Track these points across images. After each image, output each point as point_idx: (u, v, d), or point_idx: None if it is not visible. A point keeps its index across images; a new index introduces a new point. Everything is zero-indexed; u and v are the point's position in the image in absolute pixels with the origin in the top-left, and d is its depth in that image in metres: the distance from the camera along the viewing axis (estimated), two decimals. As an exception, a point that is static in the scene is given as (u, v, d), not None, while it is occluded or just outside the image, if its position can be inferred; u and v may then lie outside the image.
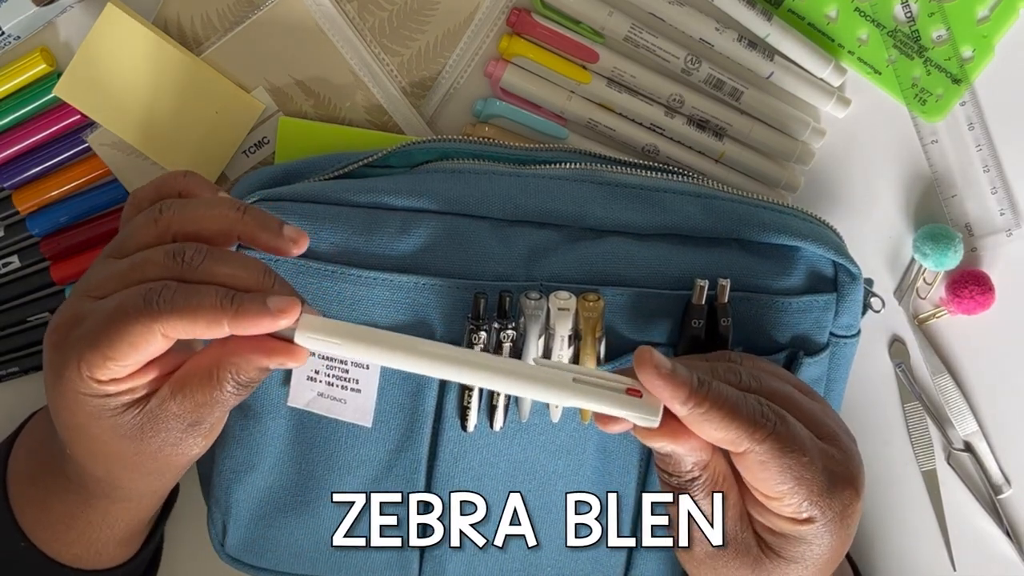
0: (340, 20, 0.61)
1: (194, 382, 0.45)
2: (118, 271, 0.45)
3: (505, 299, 0.52)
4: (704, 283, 0.53)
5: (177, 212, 0.46)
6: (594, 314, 0.52)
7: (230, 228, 0.46)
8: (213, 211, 0.46)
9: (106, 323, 0.42)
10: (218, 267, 0.44)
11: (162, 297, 0.42)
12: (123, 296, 0.43)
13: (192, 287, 0.43)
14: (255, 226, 0.46)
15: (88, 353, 0.43)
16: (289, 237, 0.46)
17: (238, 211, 0.46)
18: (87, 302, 0.44)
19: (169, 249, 0.44)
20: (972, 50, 0.62)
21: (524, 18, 0.61)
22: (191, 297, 0.42)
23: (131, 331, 0.42)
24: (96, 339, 0.43)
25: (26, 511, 0.53)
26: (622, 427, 0.46)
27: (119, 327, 0.42)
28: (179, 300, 0.42)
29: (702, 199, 0.56)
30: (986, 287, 0.64)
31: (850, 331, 0.57)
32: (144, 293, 0.42)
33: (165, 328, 0.42)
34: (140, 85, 0.60)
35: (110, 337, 0.42)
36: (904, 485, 0.67)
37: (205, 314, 0.42)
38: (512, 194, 0.55)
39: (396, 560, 0.58)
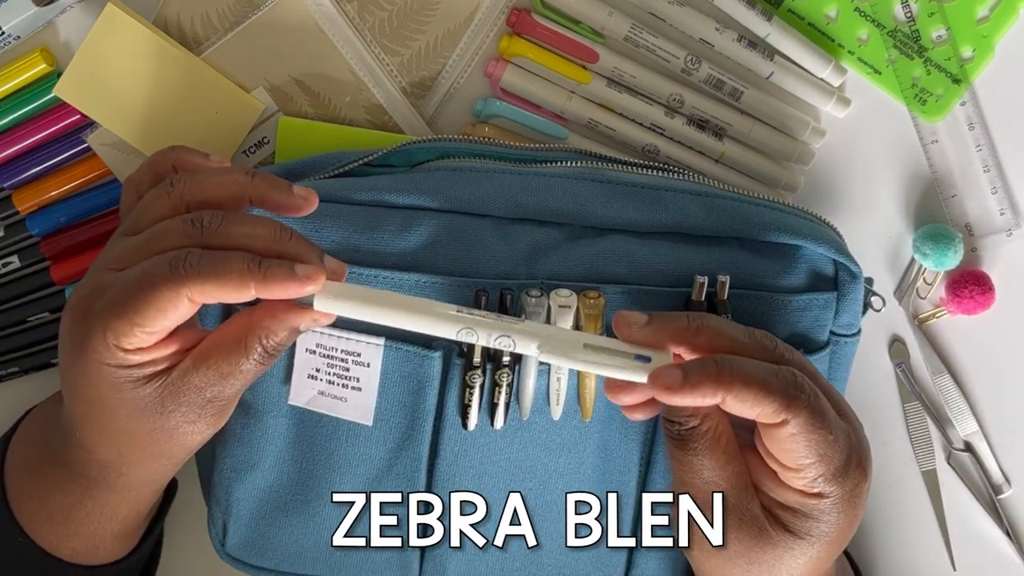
0: (340, 20, 0.61)
1: (220, 352, 0.45)
2: (137, 243, 0.45)
3: (506, 297, 0.52)
4: (704, 279, 0.53)
5: (188, 183, 0.46)
6: (595, 311, 0.52)
7: (241, 191, 0.47)
8: (224, 177, 0.47)
9: (133, 290, 0.43)
10: (237, 228, 0.45)
11: (188, 262, 0.43)
12: (148, 263, 0.44)
13: (218, 252, 0.44)
14: (266, 187, 0.47)
15: (114, 321, 0.43)
16: (300, 195, 0.47)
17: (247, 175, 0.47)
18: (108, 275, 0.45)
19: (187, 217, 0.45)
20: (972, 50, 0.62)
21: (524, 18, 0.61)
22: (218, 260, 0.43)
23: (159, 296, 0.43)
24: (123, 306, 0.43)
25: (24, 504, 0.53)
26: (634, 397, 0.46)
27: (146, 293, 0.43)
28: (206, 264, 0.43)
29: (703, 197, 0.56)
30: (986, 287, 0.64)
31: (850, 330, 0.57)
32: (170, 259, 0.43)
33: (192, 292, 0.43)
34: (140, 85, 0.60)
35: (137, 303, 0.43)
36: (904, 485, 0.67)
37: (233, 277, 0.43)
38: (513, 192, 0.55)
39: (396, 560, 0.58)
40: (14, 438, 0.56)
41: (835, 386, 0.58)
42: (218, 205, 0.46)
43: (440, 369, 0.54)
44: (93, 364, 0.44)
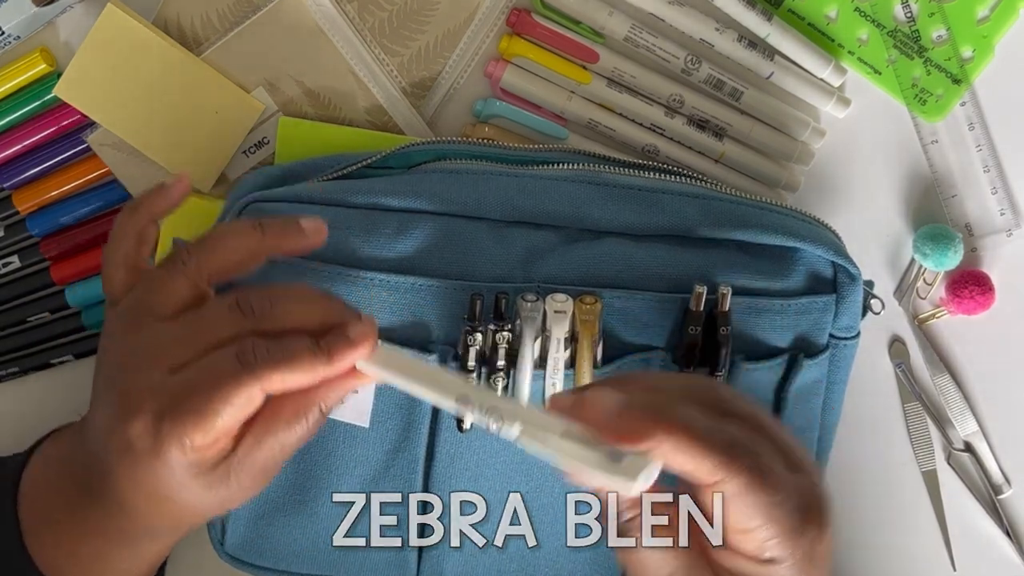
0: (340, 20, 0.61)
1: (281, 425, 0.45)
2: (179, 339, 0.45)
3: (501, 301, 0.52)
4: (703, 289, 0.53)
5: (201, 254, 0.46)
6: (591, 317, 0.52)
7: (257, 249, 0.46)
8: (236, 240, 0.46)
9: (205, 392, 0.43)
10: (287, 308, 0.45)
11: (256, 355, 0.43)
12: (213, 362, 0.43)
13: (281, 341, 0.44)
14: (278, 237, 0.47)
15: (190, 427, 0.43)
16: (311, 230, 0.48)
17: (256, 229, 0.46)
18: (159, 376, 0.44)
19: (231, 303, 0.45)
20: (972, 50, 0.62)
21: (524, 18, 0.61)
22: (283, 350, 0.43)
23: (234, 394, 0.43)
24: (198, 411, 0.43)
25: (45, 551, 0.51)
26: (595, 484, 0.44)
27: (221, 393, 0.43)
28: (275, 355, 0.43)
29: (700, 200, 0.56)
30: (986, 287, 0.64)
31: (850, 332, 0.57)
32: (236, 354, 0.43)
33: (266, 384, 0.43)
34: (140, 85, 0.60)
35: (213, 405, 0.43)
36: (904, 485, 0.67)
37: (302, 364, 0.43)
38: (509, 195, 0.55)
39: (394, 559, 0.58)
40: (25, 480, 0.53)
41: (835, 388, 0.59)
42: (236, 267, 0.46)
43: None
44: (164, 470, 0.44)
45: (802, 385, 0.56)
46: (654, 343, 0.54)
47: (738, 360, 0.54)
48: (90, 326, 0.65)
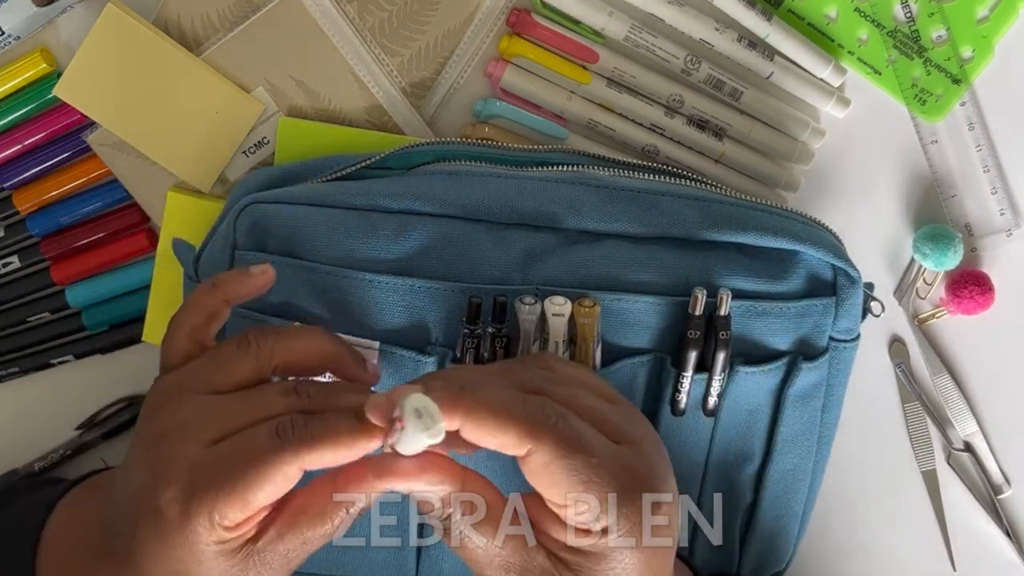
0: (340, 20, 0.61)
1: (305, 521, 0.44)
2: (230, 412, 0.44)
3: (500, 303, 0.52)
4: (702, 293, 0.53)
5: (276, 345, 0.46)
6: (590, 320, 0.52)
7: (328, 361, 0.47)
8: (312, 344, 0.47)
9: (242, 465, 0.42)
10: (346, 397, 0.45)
11: (295, 430, 0.42)
12: (250, 435, 0.43)
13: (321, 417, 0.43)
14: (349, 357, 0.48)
15: (222, 502, 0.42)
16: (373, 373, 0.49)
17: (334, 344, 0.47)
18: (197, 446, 0.43)
19: (288, 388, 0.45)
20: (972, 50, 0.62)
21: (524, 18, 0.61)
22: (324, 426, 0.43)
23: (270, 470, 0.42)
24: (233, 484, 0.42)
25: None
26: None
27: (258, 467, 0.42)
28: (314, 430, 0.42)
29: (700, 202, 0.56)
30: (986, 287, 0.64)
31: (849, 335, 0.57)
32: (274, 429, 0.42)
33: (304, 462, 0.42)
34: (140, 85, 0.60)
35: (248, 479, 0.42)
36: (904, 485, 0.67)
37: (341, 439, 0.42)
38: (508, 196, 0.55)
39: (393, 559, 0.58)
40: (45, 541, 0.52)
41: (835, 391, 0.58)
42: (303, 369, 0.46)
43: None
44: (188, 544, 0.43)
45: (801, 388, 0.56)
46: (653, 346, 0.54)
47: (737, 363, 0.54)
48: (90, 326, 0.65)
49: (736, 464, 0.58)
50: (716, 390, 0.55)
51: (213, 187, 0.63)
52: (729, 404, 0.56)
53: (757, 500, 0.59)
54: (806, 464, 0.59)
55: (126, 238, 0.64)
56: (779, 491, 0.59)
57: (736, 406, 0.56)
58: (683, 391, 0.55)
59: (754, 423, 0.57)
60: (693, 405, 0.55)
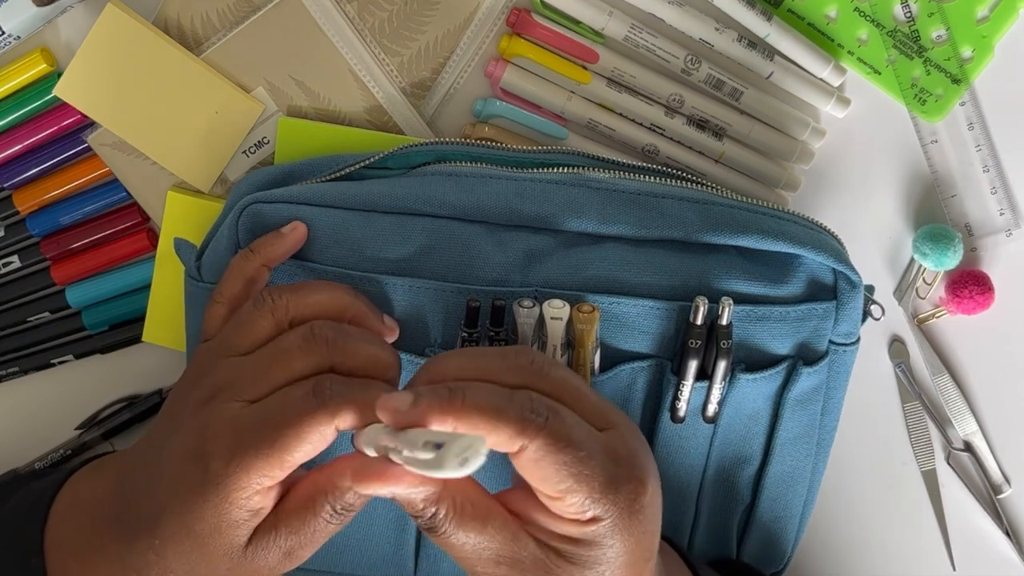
0: (340, 20, 0.61)
1: (293, 510, 0.45)
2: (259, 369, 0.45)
3: (498, 307, 0.52)
4: (704, 303, 0.52)
5: (292, 299, 0.47)
6: (588, 324, 0.51)
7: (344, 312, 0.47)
8: (326, 295, 0.47)
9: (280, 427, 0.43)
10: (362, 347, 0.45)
11: (333, 391, 0.43)
12: (288, 395, 0.44)
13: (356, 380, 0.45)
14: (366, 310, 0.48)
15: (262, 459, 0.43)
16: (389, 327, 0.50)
17: (352, 296, 0.48)
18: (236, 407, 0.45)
19: (302, 332, 0.45)
20: (972, 50, 0.62)
21: (524, 18, 0.61)
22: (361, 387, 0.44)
23: (310, 430, 0.43)
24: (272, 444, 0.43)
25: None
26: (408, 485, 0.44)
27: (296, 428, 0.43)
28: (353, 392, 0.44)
29: (700, 205, 0.56)
30: (986, 287, 0.64)
31: (849, 339, 0.57)
32: (312, 390, 0.44)
33: (340, 421, 0.43)
34: (140, 85, 0.60)
35: (287, 440, 0.43)
36: (904, 485, 0.67)
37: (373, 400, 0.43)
38: (508, 198, 0.55)
39: (392, 557, 0.58)
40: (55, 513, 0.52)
41: (834, 394, 0.58)
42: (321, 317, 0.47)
43: None
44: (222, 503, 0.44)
45: (800, 392, 0.56)
46: (652, 350, 0.54)
47: (738, 371, 0.54)
48: (90, 326, 0.65)
49: (735, 467, 0.58)
50: (716, 398, 0.55)
51: (213, 187, 0.63)
52: (729, 410, 0.56)
53: (755, 501, 0.59)
54: (805, 466, 0.58)
55: (126, 238, 0.64)
56: (777, 493, 0.59)
57: (736, 412, 0.56)
58: (683, 399, 0.55)
59: (753, 427, 0.57)
60: (693, 412, 0.55)
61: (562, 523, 0.45)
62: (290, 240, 0.52)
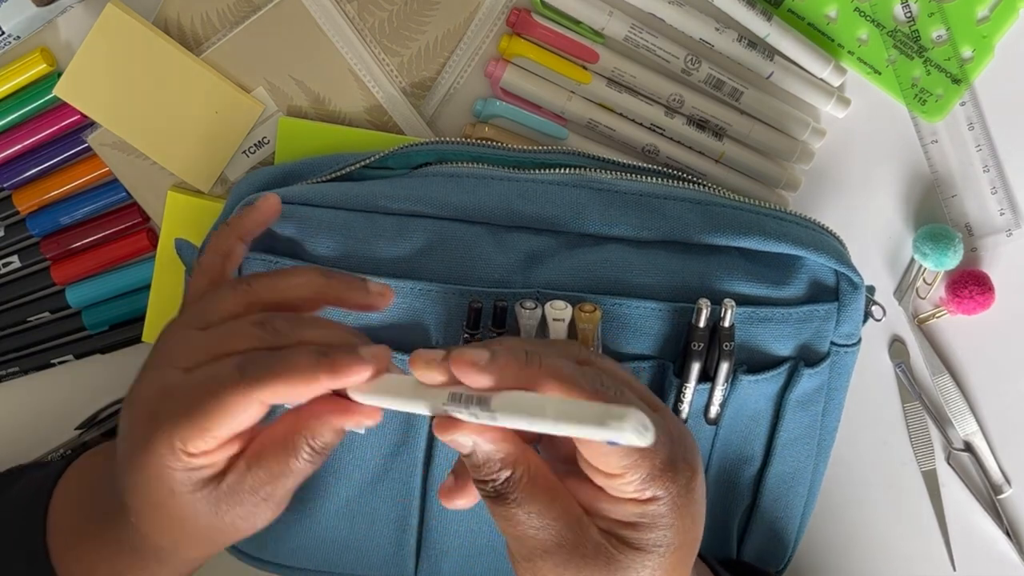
0: (340, 20, 0.61)
1: (269, 453, 0.45)
2: (205, 343, 0.45)
3: (498, 308, 0.52)
4: (707, 305, 0.52)
5: (265, 283, 0.46)
6: (590, 325, 0.51)
7: (318, 293, 0.47)
8: (301, 279, 0.47)
9: (203, 395, 0.43)
10: (308, 332, 0.44)
11: (257, 364, 0.43)
12: (216, 367, 0.43)
13: (284, 351, 0.43)
14: (343, 288, 0.47)
15: (183, 426, 0.43)
16: (375, 292, 0.47)
17: (324, 276, 0.47)
18: (173, 374, 0.44)
19: (257, 319, 0.45)
20: (972, 50, 0.62)
21: (524, 18, 0.61)
22: (285, 359, 0.43)
23: (229, 401, 0.42)
24: (192, 411, 0.43)
25: (69, 564, 0.52)
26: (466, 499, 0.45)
27: (217, 398, 0.42)
28: (274, 364, 0.42)
29: (702, 206, 0.56)
30: (986, 287, 0.64)
31: (851, 340, 0.57)
32: (238, 362, 0.43)
33: (263, 394, 0.42)
34: (140, 85, 0.60)
35: (206, 409, 0.42)
36: (904, 485, 0.67)
37: (301, 373, 0.42)
38: (510, 199, 0.55)
39: (393, 557, 0.58)
40: (57, 493, 0.54)
41: (835, 395, 0.59)
42: (295, 307, 0.46)
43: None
44: (155, 467, 0.44)
45: (802, 393, 0.56)
46: (654, 351, 0.54)
47: (740, 372, 0.54)
48: (90, 326, 0.65)
49: (736, 467, 0.58)
50: (718, 400, 0.55)
51: (213, 187, 0.63)
52: (731, 412, 0.56)
53: (756, 502, 0.59)
54: (806, 467, 0.59)
55: (126, 238, 0.64)
56: (778, 493, 0.59)
57: (737, 413, 0.56)
58: (685, 401, 0.54)
59: (755, 428, 0.57)
60: (695, 414, 0.55)
61: (620, 505, 0.44)
62: (262, 211, 0.51)
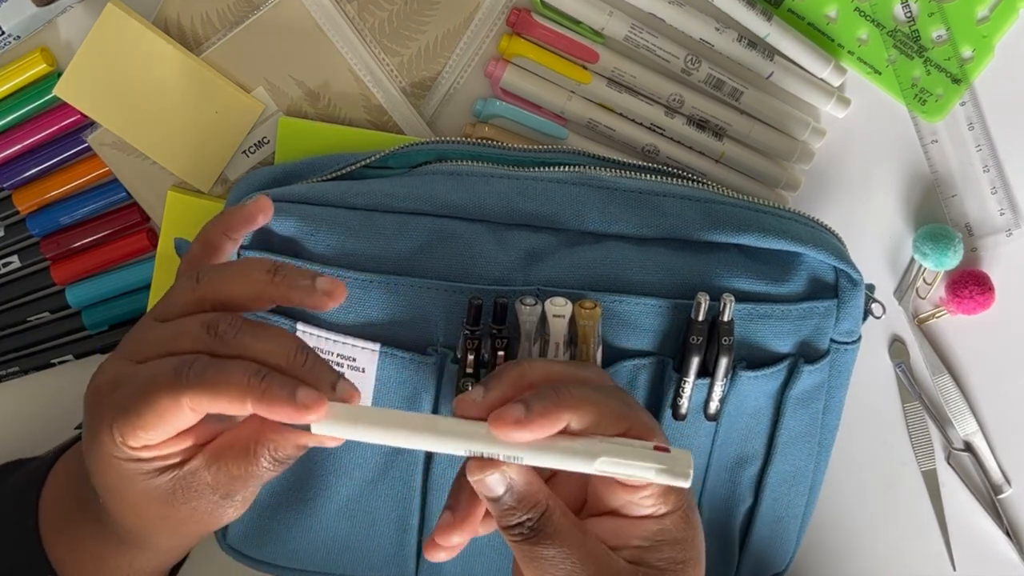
0: (340, 20, 0.61)
1: (230, 455, 0.45)
2: (154, 339, 0.45)
3: (499, 304, 0.52)
4: (705, 299, 0.52)
5: (211, 280, 0.46)
6: (591, 321, 0.51)
7: (263, 291, 0.46)
8: (246, 276, 0.46)
9: (137, 392, 0.43)
10: (251, 341, 0.44)
11: (192, 370, 0.42)
12: (155, 366, 0.43)
13: (223, 362, 0.43)
14: (287, 287, 0.45)
15: (120, 420, 0.43)
16: (323, 291, 0.45)
17: (269, 273, 0.46)
18: (126, 365, 0.45)
19: (204, 320, 0.44)
20: (972, 50, 0.62)
21: (524, 18, 0.61)
22: (220, 372, 0.42)
23: (159, 402, 0.42)
24: (126, 407, 0.43)
25: (57, 547, 0.53)
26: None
27: (148, 398, 0.42)
28: (208, 374, 0.42)
29: (702, 203, 0.56)
30: (986, 287, 0.64)
31: (851, 337, 0.57)
32: (176, 365, 0.43)
33: (192, 402, 0.42)
34: (140, 85, 0.60)
35: (139, 407, 0.42)
36: (904, 485, 0.67)
37: (231, 391, 0.42)
38: (510, 197, 0.55)
39: (393, 557, 0.58)
40: (51, 476, 0.55)
41: (836, 393, 0.59)
42: (241, 304, 0.46)
43: (435, 375, 0.54)
44: (104, 455, 0.44)
45: (802, 391, 0.56)
46: (654, 348, 0.54)
47: (739, 368, 0.54)
48: (90, 326, 0.65)
49: (736, 466, 0.58)
50: (718, 395, 0.55)
51: (213, 187, 0.63)
52: (730, 408, 0.56)
53: (757, 502, 0.59)
54: (807, 466, 0.59)
55: (126, 238, 0.64)
56: (779, 493, 0.59)
57: (737, 410, 0.56)
58: (685, 396, 0.55)
59: (755, 426, 0.57)
60: (695, 409, 0.55)
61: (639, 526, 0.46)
62: (249, 209, 0.51)
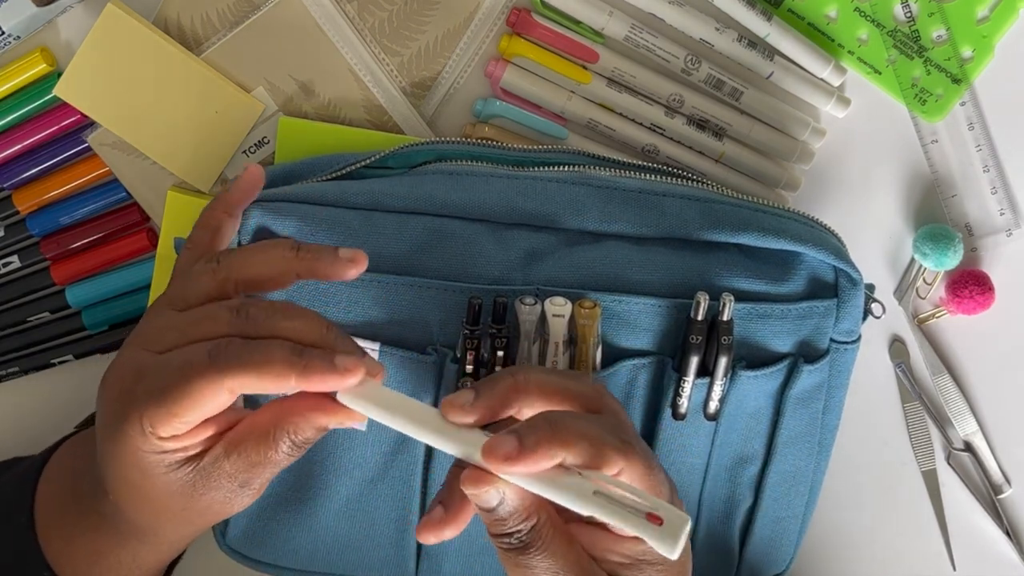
0: (340, 20, 0.61)
1: (250, 441, 0.45)
2: (180, 325, 0.44)
3: (500, 305, 0.52)
4: (705, 298, 0.52)
5: (234, 260, 0.46)
6: (590, 321, 0.51)
7: (288, 268, 0.46)
8: (269, 254, 0.46)
9: (173, 379, 0.42)
10: (283, 322, 0.44)
11: (229, 352, 0.42)
12: (188, 352, 0.43)
13: (261, 342, 0.43)
14: (312, 260, 0.46)
15: (152, 409, 0.42)
16: (346, 259, 0.46)
17: (293, 250, 0.46)
18: (147, 355, 0.44)
19: (233, 305, 0.44)
20: (972, 50, 0.62)
21: (524, 18, 0.61)
22: (258, 351, 0.42)
23: (198, 387, 0.42)
24: (161, 395, 0.42)
25: (52, 543, 0.52)
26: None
27: (185, 383, 0.42)
28: (246, 355, 0.42)
29: (702, 203, 0.56)
30: (986, 287, 0.64)
31: (850, 337, 0.57)
32: (210, 349, 0.42)
33: (232, 383, 0.42)
34: (140, 85, 0.60)
35: (175, 393, 0.42)
36: (904, 485, 0.67)
37: (273, 368, 0.42)
38: (509, 196, 0.55)
39: (393, 558, 0.58)
40: (46, 471, 0.55)
41: (836, 393, 0.59)
42: (265, 282, 0.46)
43: (434, 375, 0.54)
44: (127, 448, 0.44)
45: (802, 390, 0.56)
46: (654, 348, 0.54)
47: (739, 368, 0.54)
48: (90, 326, 0.65)
49: (736, 466, 0.58)
50: (718, 395, 0.55)
51: (213, 187, 0.63)
52: (730, 408, 0.56)
53: (757, 502, 0.59)
54: (807, 466, 0.58)
55: (126, 238, 0.64)
56: (779, 493, 0.59)
57: (737, 410, 0.56)
58: (684, 396, 0.55)
59: (755, 425, 0.57)
60: (694, 409, 0.55)
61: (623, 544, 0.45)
62: (245, 180, 0.51)
